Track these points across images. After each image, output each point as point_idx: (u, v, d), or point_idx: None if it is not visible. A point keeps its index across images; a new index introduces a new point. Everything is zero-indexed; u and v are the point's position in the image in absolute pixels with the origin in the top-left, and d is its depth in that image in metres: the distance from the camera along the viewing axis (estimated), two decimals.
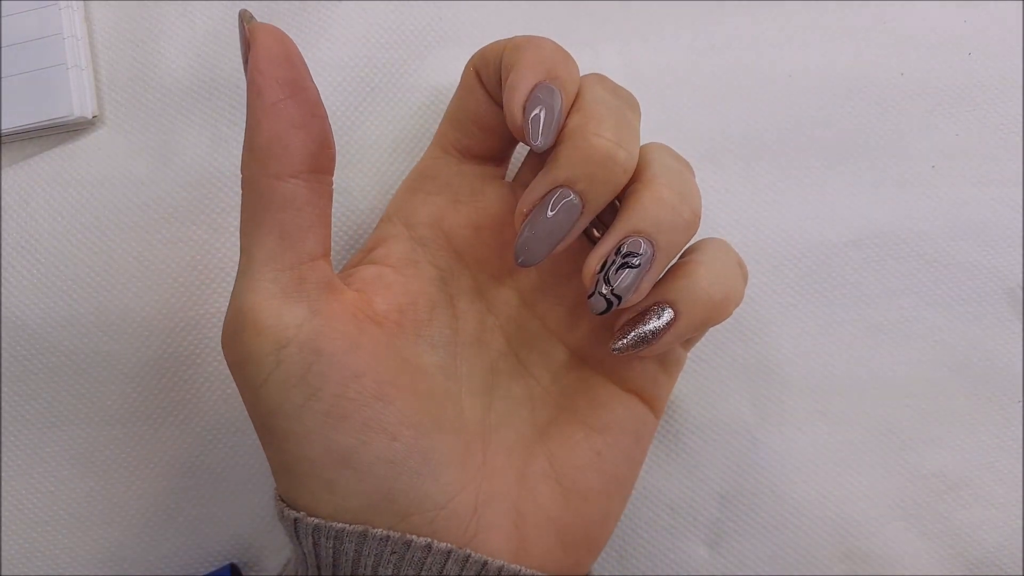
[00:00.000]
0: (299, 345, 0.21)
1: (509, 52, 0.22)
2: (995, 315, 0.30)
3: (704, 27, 0.31)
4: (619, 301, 0.21)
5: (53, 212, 0.29)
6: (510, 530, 0.23)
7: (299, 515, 0.21)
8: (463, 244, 0.25)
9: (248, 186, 0.21)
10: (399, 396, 0.22)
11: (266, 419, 0.21)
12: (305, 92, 0.21)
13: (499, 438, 0.24)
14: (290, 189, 0.20)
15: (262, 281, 0.21)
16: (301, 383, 0.20)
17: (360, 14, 0.30)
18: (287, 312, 0.21)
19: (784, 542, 0.30)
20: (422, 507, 0.21)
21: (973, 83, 0.31)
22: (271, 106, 0.20)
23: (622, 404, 0.25)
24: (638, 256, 0.21)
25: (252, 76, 0.20)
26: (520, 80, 0.21)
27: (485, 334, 0.25)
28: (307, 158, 0.21)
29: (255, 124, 0.20)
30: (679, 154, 0.24)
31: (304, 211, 0.21)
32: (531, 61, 0.21)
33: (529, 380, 0.25)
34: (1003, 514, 0.30)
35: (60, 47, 0.29)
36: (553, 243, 0.21)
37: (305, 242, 0.21)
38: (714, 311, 0.22)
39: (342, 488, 0.21)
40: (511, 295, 0.25)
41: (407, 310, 0.24)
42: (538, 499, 0.24)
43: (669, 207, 0.21)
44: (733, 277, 0.23)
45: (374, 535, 0.21)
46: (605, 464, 0.24)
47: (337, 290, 0.22)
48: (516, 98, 0.21)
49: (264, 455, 0.29)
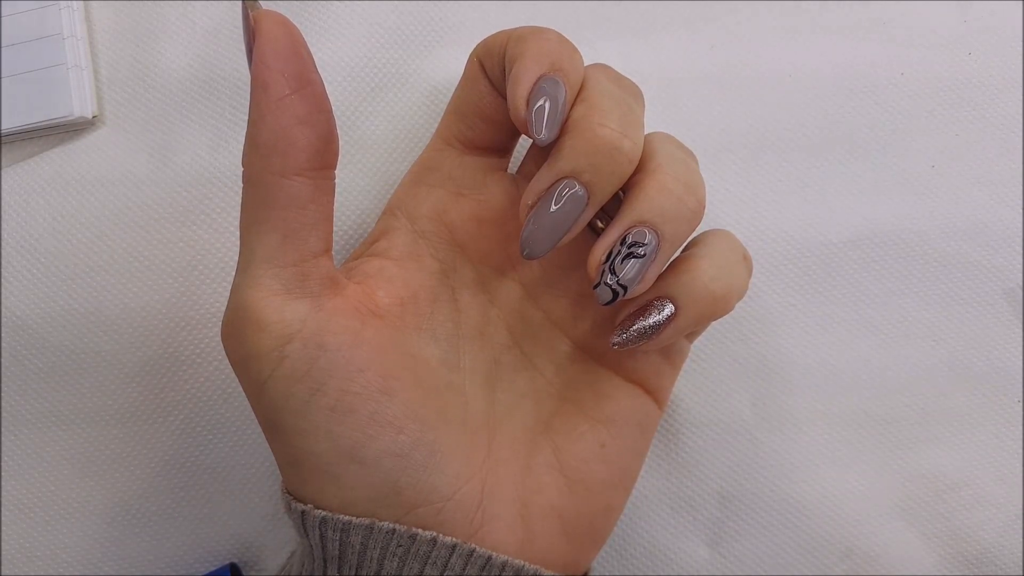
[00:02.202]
0: (303, 340, 0.20)
1: (513, 43, 0.22)
2: (995, 315, 0.30)
3: (704, 27, 0.31)
4: (625, 291, 0.21)
5: (53, 212, 0.29)
6: (515, 522, 0.23)
7: (306, 508, 0.22)
8: (465, 237, 0.25)
9: (250, 182, 0.20)
10: (404, 389, 0.22)
11: (271, 415, 0.21)
12: (311, 86, 0.20)
13: (504, 430, 0.24)
14: (295, 187, 0.20)
15: (264, 278, 0.20)
16: (306, 378, 0.20)
17: (360, 14, 0.30)
18: (289, 308, 0.21)
19: (784, 541, 0.30)
20: (428, 499, 0.22)
21: (973, 83, 0.31)
22: (277, 101, 0.20)
23: (626, 395, 0.25)
24: (643, 246, 0.21)
25: (257, 69, 0.20)
26: (524, 72, 0.20)
27: (488, 327, 0.25)
28: (313, 155, 0.20)
29: (259, 119, 0.20)
30: (682, 144, 0.24)
31: (308, 208, 0.21)
32: (535, 52, 0.21)
33: (533, 372, 0.25)
34: (1003, 514, 0.30)
35: (60, 47, 0.29)
36: (559, 235, 0.21)
37: (308, 239, 0.21)
38: (715, 306, 0.22)
39: (349, 482, 0.21)
40: (514, 287, 0.25)
41: (408, 303, 0.24)
42: (543, 490, 0.24)
43: (674, 197, 0.21)
44: (736, 271, 0.23)
45: (380, 528, 0.21)
46: (610, 455, 0.24)
47: (339, 284, 0.22)
48: (519, 90, 0.20)
49: (264, 454, 0.29)
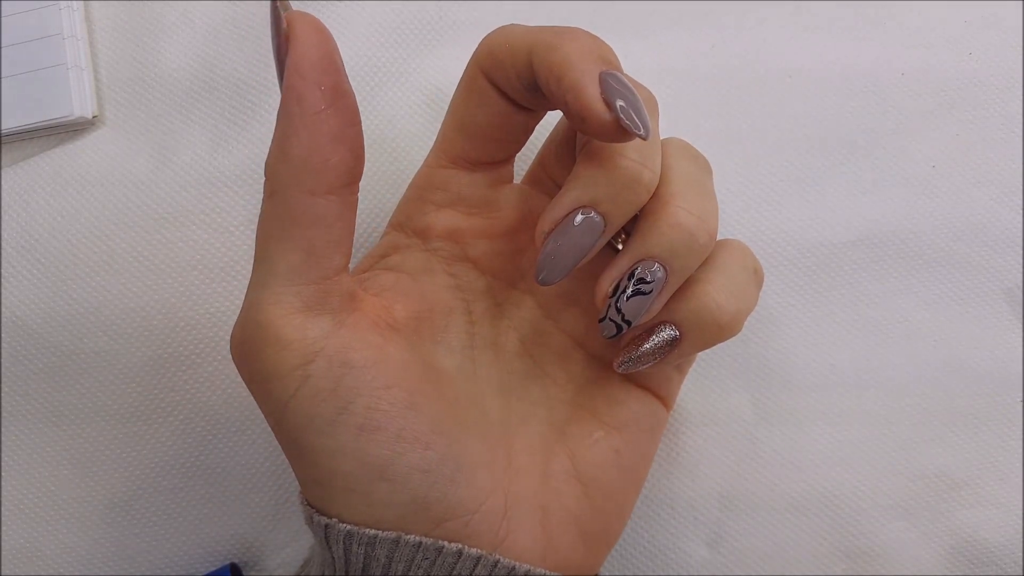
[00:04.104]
0: (327, 358, 0.20)
1: (544, 51, 0.20)
2: (995, 315, 0.30)
3: (704, 27, 0.31)
4: (629, 326, 0.21)
5: (53, 212, 0.29)
6: (537, 529, 0.23)
7: (330, 521, 0.21)
8: (477, 253, 0.24)
9: (276, 196, 0.20)
10: (428, 404, 0.21)
11: (295, 435, 0.20)
12: (345, 98, 0.19)
13: (521, 439, 0.24)
14: (323, 206, 0.19)
15: (284, 295, 0.20)
16: (332, 397, 0.20)
17: (360, 14, 0.30)
18: (311, 325, 0.20)
19: (784, 541, 0.30)
20: (456, 513, 0.21)
21: (973, 83, 0.31)
22: (312, 116, 0.19)
23: (637, 401, 0.25)
24: (650, 284, 0.21)
25: (292, 80, 0.19)
26: (583, 75, 0.19)
27: (500, 337, 0.25)
28: (345, 173, 0.19)
29: (292, 133, 0.19)
30: (698, 152, 0.23)
31: (334, 227, 0.20)
32: (582, 53, 0.19)
33: (545, 380, 0.25)
34: (1003, 514, 0.30)
35: (60, 47, 0.29)
36: (574, 261, 0.21)
37: (332, 257, 0.20)
38: (720, 334, 0.22)
39: (377, 499, 0.21)
40: (525, 298, 0.25)
41: (424, 317, 0.23)
42: (561, 497, 0.24)
43: (686, 232, 0.20)
44: (746, 292, 0.22)
45: (407, 541, 0.21)
46: (624, 461, 0.24)
47: (357, 299, 0.22)
48: (590, 93, 0.19)
49: (264, 454, 0.29)
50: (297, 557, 0.30)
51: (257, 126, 0.29)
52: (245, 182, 0.29)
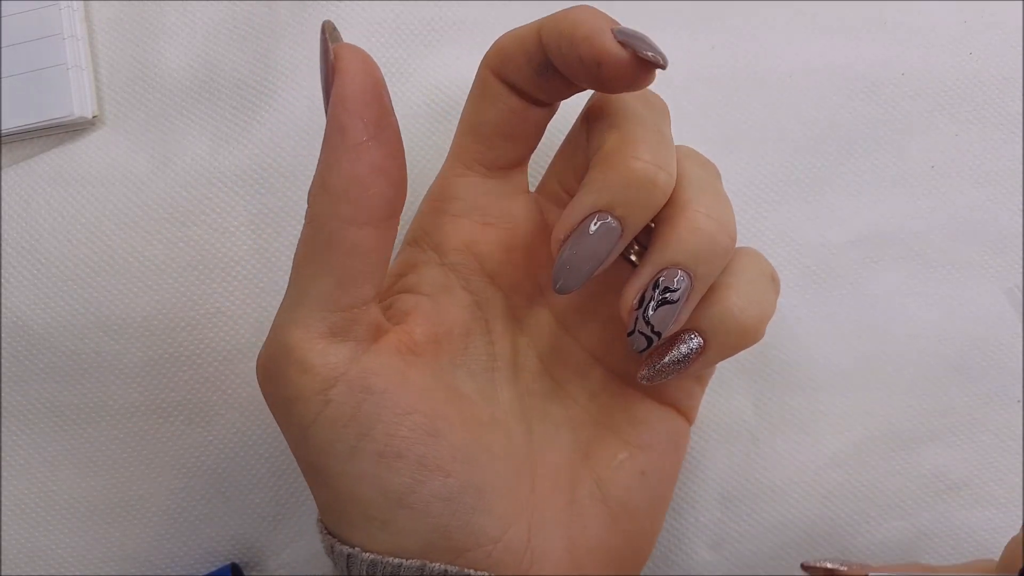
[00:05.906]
0: (348, 383, 0.20)
1: (552, 23, 0.20)
2: (995, 315, 0.30)
3: (704, 27, 0.31)
4: (659, 337, 0.21)
5: (53, 212, 0.29)
6: (563, 557, 0.23)
7: (353, 551, 0.21)
8: (495, 266, 0.24)
9: (315, 223, 0.20)
10: (450, 430, 0.21)
11: (315, 459, 0.20)
12: (389, 130, 0.20)
13: (545, 463, 0.24)
14: (360, 236, 0.19)
15: (311, 319, 0.20)
16: (352, 422, 0.20)
17: (360, 13, 0.30)
18: (333, 351, 0.20)
19: (785, 542, 0.30)
20: (478, 542, 0.21)
21: (973, 83, 0.31)
22: (354, 147, 0.19)
23: (661, 419, 0.24)
24: (676, 292, 0.20)
25: (336, 111, 0.19)
26: (594, 27, 0.19)
27: (519, 356, 0.25)
28: (383, 205, 0.20)
29: (334, 163, 0.19)
30: (706, 159, 0.23)
31: (369, 257, 0.20)
32: (589, 12, 0.19)
33: (567, 400, 0.25)
34: (1003, 514, 0.30)
35: (60, 47, 0.29)
36: (592, 268, 0.20)
37: (364, 287, 0.20)
38: (745, 339, 0.22)
39: (398, 528, 0.20)
40: (544, 314, 0.25)
41: (444, 339, 0.23)
42: (587, 523, 0.23)
43: (707, 237, 0.20)
44: (766, 297, 0.22)
45: (432, 569, 0.20)
46: (650, 481, 0.24)
47: (382, 329, 0.22)
48: (604, 37, 0.19)
49: (264, 454, 0.29)
50: (297, 558, 0.30)
51: (257, 126, 0.29)
52: (245, 182, 0.29)
